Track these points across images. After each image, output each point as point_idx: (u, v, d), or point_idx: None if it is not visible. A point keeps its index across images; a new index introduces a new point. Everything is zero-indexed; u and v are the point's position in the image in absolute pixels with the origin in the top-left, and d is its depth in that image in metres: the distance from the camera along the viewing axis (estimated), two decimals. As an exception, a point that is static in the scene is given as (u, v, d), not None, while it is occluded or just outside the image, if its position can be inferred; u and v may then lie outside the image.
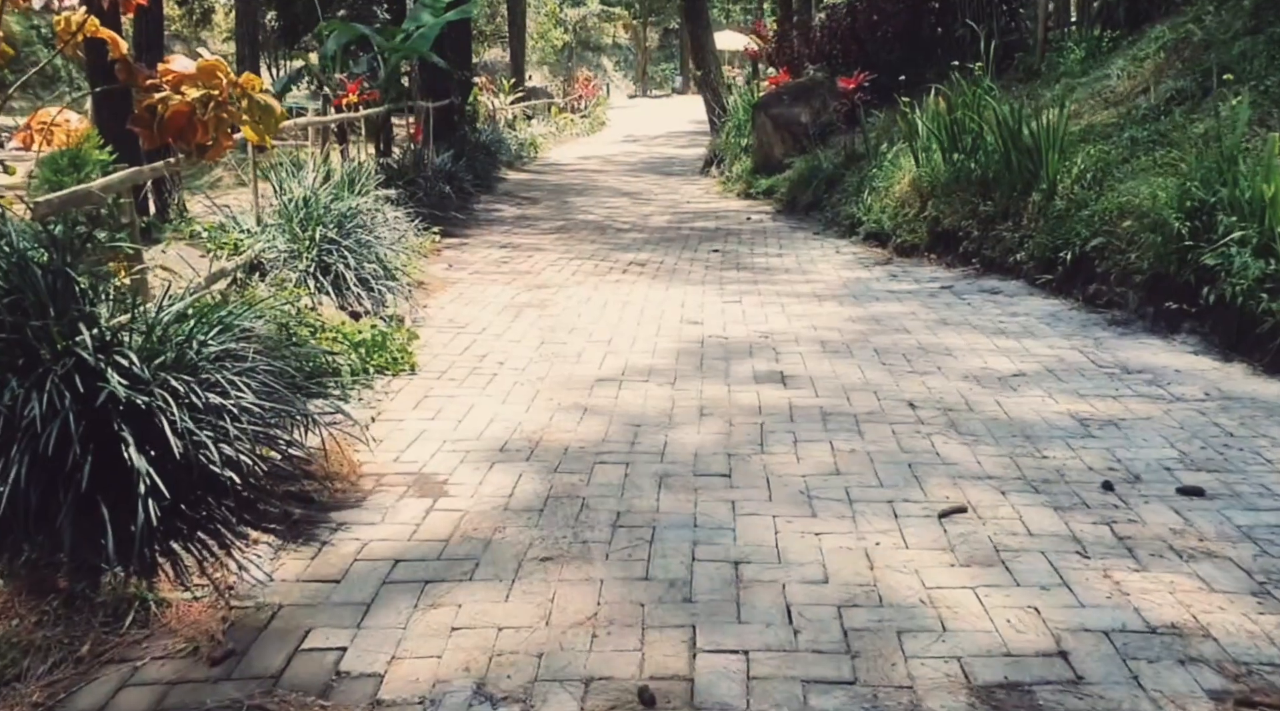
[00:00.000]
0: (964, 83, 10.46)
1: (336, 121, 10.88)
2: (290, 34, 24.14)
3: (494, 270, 10.20)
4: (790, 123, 15.45)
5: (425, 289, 9.00)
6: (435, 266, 10.28)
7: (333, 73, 12.28)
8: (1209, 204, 6.81)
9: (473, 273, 10.03)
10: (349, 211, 7.78)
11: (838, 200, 12.58)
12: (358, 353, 6.23)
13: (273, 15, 26.63)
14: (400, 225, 9.93)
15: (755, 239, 12.08)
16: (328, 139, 9.79)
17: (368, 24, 13.93)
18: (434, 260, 10.67)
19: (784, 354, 6.89)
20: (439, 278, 9.65)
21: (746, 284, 9.34)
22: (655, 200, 16.26)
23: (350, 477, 4.80)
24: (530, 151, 23.93)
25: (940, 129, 10.42)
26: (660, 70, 56.40)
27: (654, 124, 34.74)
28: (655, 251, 11.34)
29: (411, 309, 8.03)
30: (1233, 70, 9.12)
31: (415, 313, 8.04)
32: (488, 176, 18.05)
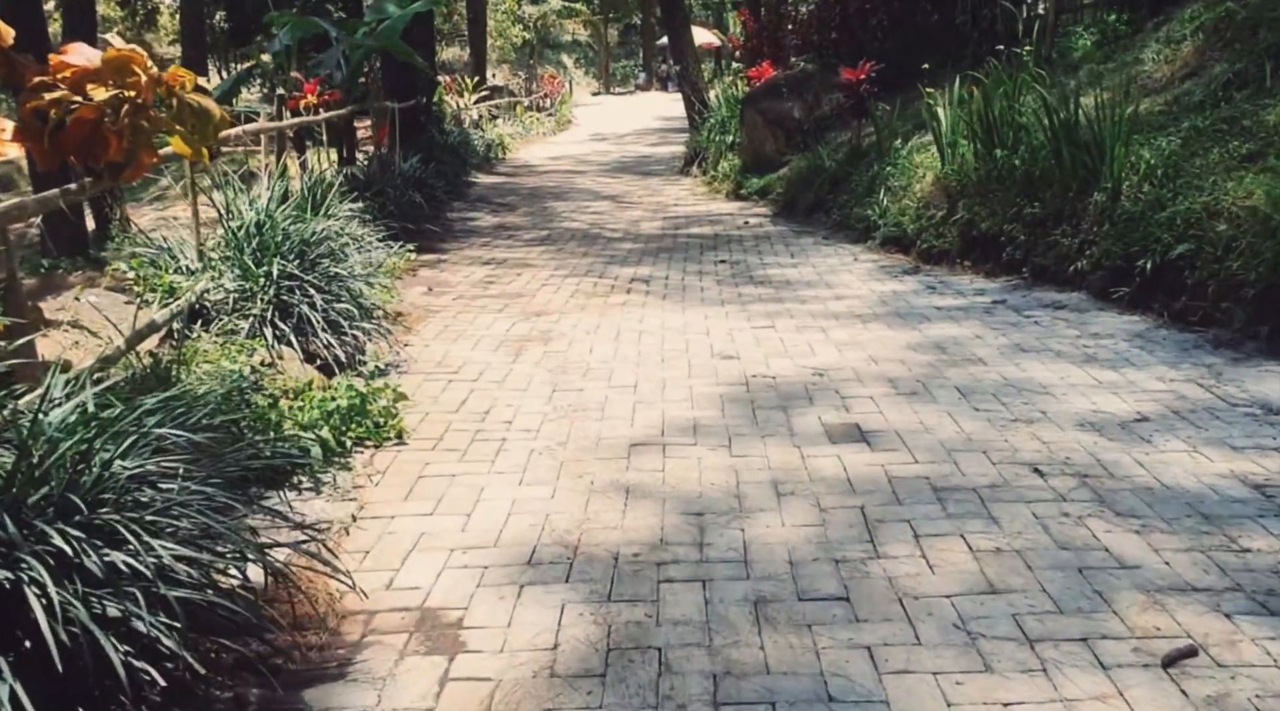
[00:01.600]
0: (1000, 69, 9.17)
1: (293, 126, 9.39)
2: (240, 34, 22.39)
3: (480, 293, 8.79)
4: (782, 118, 14.12)
5: (405, 321, 7.58)
6: (414, 290, 8.85)
7: (287, 72, 10.80)
8: (1353, 205, 5.55)
9: (457, 297, 8.61)
10: (313, 237, 6.35)
11: (846, 201, 11.26)
12: (331, 423, 4.83)
13: (221, 15, 24.89)
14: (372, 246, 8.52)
15: (761, 246, 10.75)
16: (284, 147, 8.32)
17: (324, 18, 12.43)
18: (411, 282, 9.24)
19: (850, 398, 5.55)
20: (420, 306, 8.22)
21: (771, 302, 8.00)
22: (640, 203, 14.88)
23: (328, 620, 3.41)
24: (499, 152, 22.46)
25: (974, 121, 9.11)
26: (622, 67, 54.87)
27: (621, 121, 33.29)
28: (656, 264, 9.98)
29: (392, 350, 6.61)
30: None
31: (396, 354, 6.62)
32: (458, 181, 16.59)
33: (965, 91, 9.64)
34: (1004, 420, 5.10)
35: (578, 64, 53.25)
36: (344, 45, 11.30)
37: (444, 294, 8.76)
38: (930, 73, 11.29)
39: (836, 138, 13.35)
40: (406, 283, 9.21)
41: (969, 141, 9.32)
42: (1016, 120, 8.76)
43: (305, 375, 5.30)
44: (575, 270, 9.79)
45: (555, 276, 9.48)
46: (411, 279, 9.44)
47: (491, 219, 13.76)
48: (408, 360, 6.56)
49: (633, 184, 17.51)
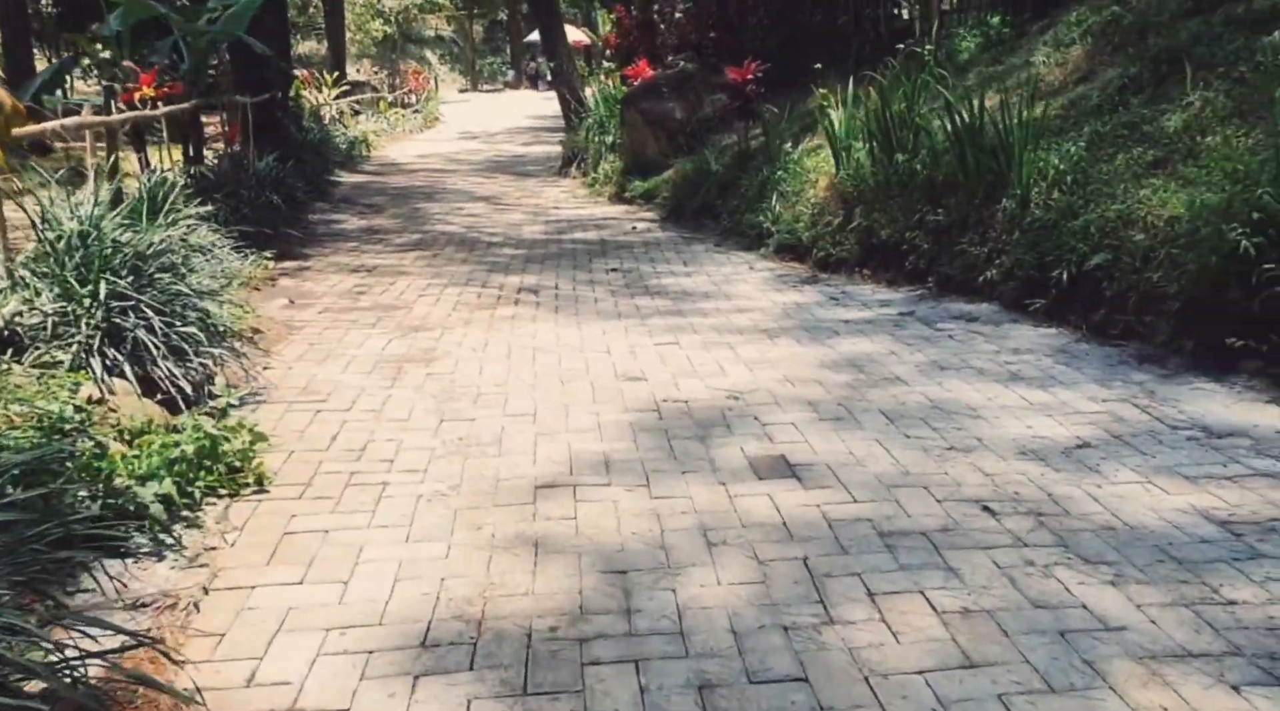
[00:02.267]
0: (899, 70, 8.89)
1: (123, 121, 8.43)
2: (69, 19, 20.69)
3: (350, 305, 8.07)
4: (664, 119, 13.70)
5: (263, 339, 6.84)
6: (273, 303, 8.08)
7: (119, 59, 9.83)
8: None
9: (323, 310, 7.88)
10: (150, 249, 5.57)
11: (736, 207, 10.88)
12: (175, 471, 4.12)
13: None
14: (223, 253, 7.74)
15: (652, 253, 10.28)
16: (114, 145, 7.45)
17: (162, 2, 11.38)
18: (270, 293, 8.46)
19: (771, 424, 5.09)
20: (280, 321, 7.47)
21: (671, 315, 7.52)
22: (519, 206, 14.25)
23: (176, 739, 2.76)
24: (363, 150, 21.49)
25: (871, 124, 8.81)
26: (489, 64, 53.87)
27: (491, 119, 32.49)
28: (543, 272, 9.40)
29: (249, 376, 5.89)
30: (1189, 56, 7.84)
31: (254, 380, 5.90)
32: (320, 181, 15.68)
33: (861, 92, 9.35)
34: (939, 449, 4.72)
35: (443, 60, 52.10)
36: (184, 33, 10.37)
37: (308, 306, 8.02)
38: (820, 73, 11.01)
39: (721, 140, 12.99)
40: (265, 294, 8.43)
41: (865, 145, 9.02)
42: (917, 123, 8.48)
43: (144, 413, 4.57)
44: (455, 278, 9.14)
45: (434, 286, 8.82)
46: (270, 289, 8.66)
47: (358, 221, 12.96)
48: (268, 386, 5.84)
49: (509, 185, 16.87)
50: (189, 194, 8.96)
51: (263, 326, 7.15)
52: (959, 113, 7.76)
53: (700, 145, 13.16)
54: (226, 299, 6.22)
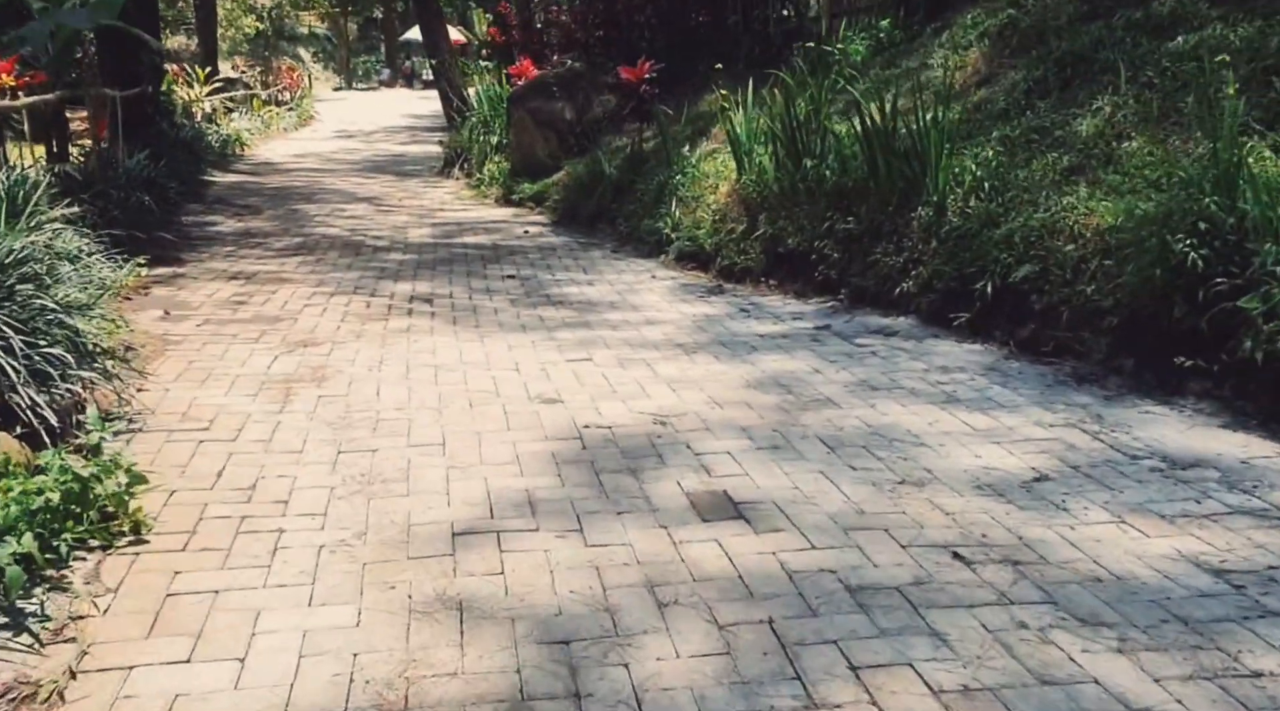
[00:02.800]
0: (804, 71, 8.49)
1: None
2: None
3: (230, 316, 7.27)
4: (553, 119, 13.09)
5: (137, 357, 6.02)
6: (147, 315, 7.23)
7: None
8: (1226, 225, 5.08)
9: (203, 323, 7.06)
10: (10, 256, 4.76)
11: (633, 211, 10.36)
12: (37, 523, 3.40)
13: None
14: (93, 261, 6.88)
15: (548, 259, 9.68)
16: None
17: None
18: (143, 304, 7.59)
19: (706, 454, 4.58)
20: (155, 335, 6.64)
21: (579, 328, 6.96)
22: (403, 207, 13.45)
23: None
24: (237, 149, 20.25)
25: (776, 127, 8.39)
26: (364, 62, 52.13)
27: (367, 118, 31.24)
28: (435, 279, 8.72)
29: (121, 399, 5.10)
30: (1092, 60, 7.67)
31: (127, 404, 5.12)
32: (194, 181, 14.57)
33: (766, 94, 8.93)
34: (889, 482, 4.27)
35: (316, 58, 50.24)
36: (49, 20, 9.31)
37: (185, 318, 7.18)
38: (716, 74, 10.56)
39: (613, 142, 12.46)
40: (137, 304, 7.56)
41: (768, 149, 8.61)
42: (825, 126, 8.09)
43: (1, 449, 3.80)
44: (341, 286, 8.39)
45: (319, 294, 8.05)
46: (143, 299, 7.78)
47: (234, 223, 12.00)
48: (143, 412, 5.07)
49: (390, 185, 16.01)
50: (53, 194, 8.02)
51: (136, 342, 6.32)
52: (869, 115, 7.39)
53: (591, 147, 12.61)
54: (98, 313, 5.41)
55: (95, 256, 7.50)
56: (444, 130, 26.38)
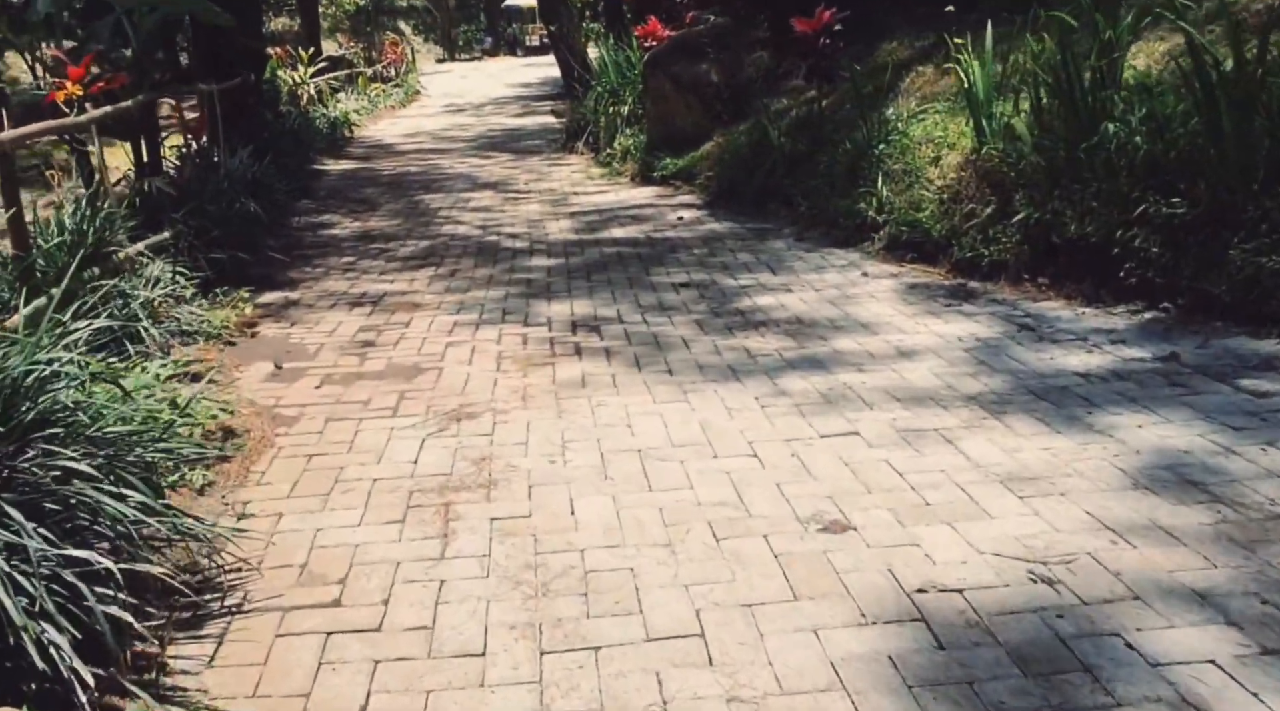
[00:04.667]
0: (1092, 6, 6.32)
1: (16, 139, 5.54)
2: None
3: (358, 368, 5.56)
4: (698, 83, 11.10)
5: (239, 448, 4.33)
6: (253, 371, 5.56)
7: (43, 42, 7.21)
8: None
9: (323, 381, 5.35)
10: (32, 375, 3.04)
11: (816, 189, 8.35)
12: None
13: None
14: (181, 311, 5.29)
15: (721, 255, 7.77)
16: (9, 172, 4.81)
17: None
18: (247, 351, 5.94)
19: (1166, 663, 2.64)
20: (262, 407, 4.95)
21: (807, 369, 5.05)
22: (531, 192, 11.65)
23: None
24: (346, 131, 18.73)
25: (1044, 83, 6.29)
26: (465, 32, 50.37)
27: (475, 90, 29.53)
28: (594, 293, 6.91)
29: (211, 553, 3.38)
30: None
31: (219, 555, 3.40)
32: (303, 173, 13.02)
33: (1032, 39, 6.80)
34: None
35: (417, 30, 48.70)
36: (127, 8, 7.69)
37: (301, 374, 5.49)
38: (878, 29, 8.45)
39: (770, 106, 10.42)
40: (242, 352, 5.92)
41: (1028, 109, 6.50)
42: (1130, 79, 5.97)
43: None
44: (486, 311, 6.63)
45: (461, 325, 6.31)
46: (250, 343, 6.13)
47: (351, 224, 10.36)
48: (244, 572, 3.35)
49: (512, 166, 14.22)
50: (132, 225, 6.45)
51: (239, 422, 4.65)
52: (1210, 57, 5.26)
53: (745, 113, 10.62)
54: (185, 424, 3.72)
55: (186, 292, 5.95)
56: (556, 99, 24.58)
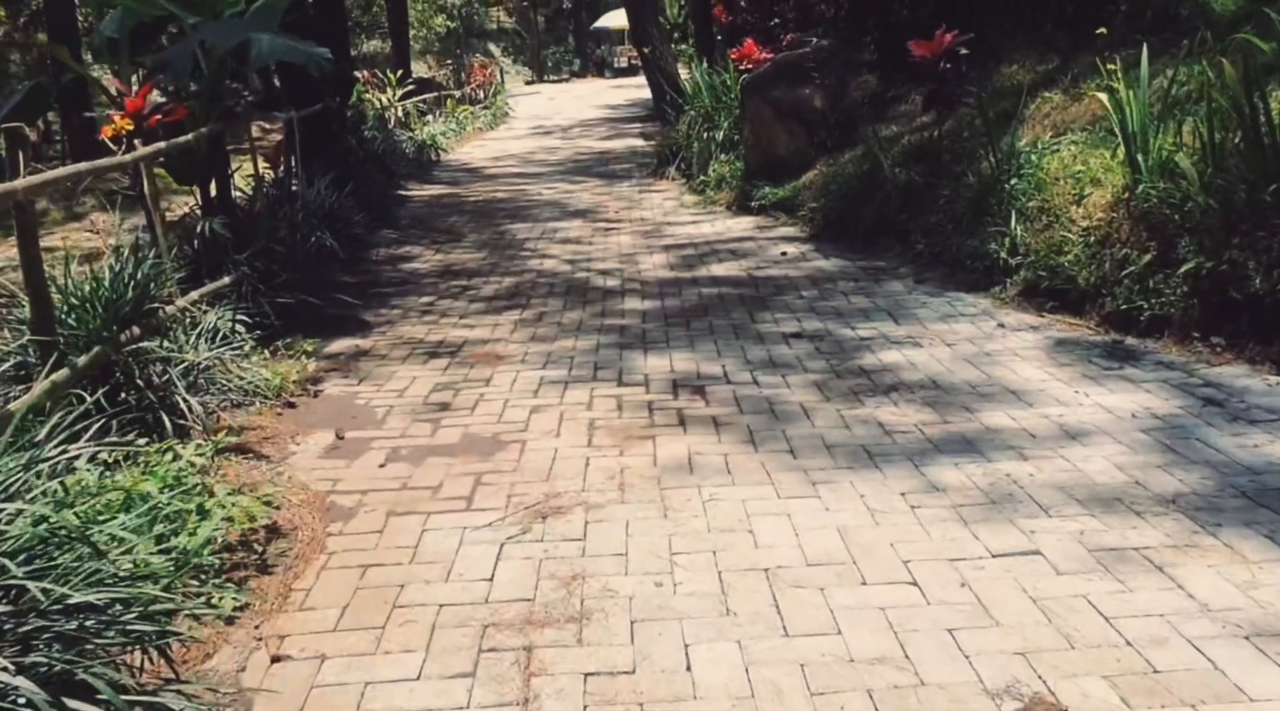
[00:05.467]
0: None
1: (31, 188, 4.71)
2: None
3: (429, 441, 4.81)
4: (800, 108, 10.22)
5: (283, 553, 3.60)
6: (310, 444, 4.85)
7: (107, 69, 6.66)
8: None
9: (388, 459, 4.61)
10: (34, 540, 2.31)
11: (936, 225, 7.43)
12: None
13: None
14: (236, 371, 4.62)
15: (833, 299, 6.89)
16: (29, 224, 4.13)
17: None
18: (307, 414, 5.25)
19: None
20: (314, 493, 4.22)
21: (957, 454, 4.15)
22: (622, 222, 10.89)
23: None
24: (433, 155, 18.26)
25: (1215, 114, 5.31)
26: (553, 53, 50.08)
27: (562, 112, 29.02)
28: (696, 343, 6.08)
29: None
30: None
31: None
32: (386, 199, 12.46)
33: (1203, 67, 5.82)
34: None
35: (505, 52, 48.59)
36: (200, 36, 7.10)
37: (363, 448, 4.76)
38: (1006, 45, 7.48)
39: (878, 133, 9.50)
40: (302, 415, 5.22)
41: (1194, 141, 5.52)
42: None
43: None
44: (575, 366, 5.85)
45: (548, 385, 5.53)
46: (311, 405, 5.44)
47: (432, 256, 9.71)
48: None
49: (601, 191, 13.49)
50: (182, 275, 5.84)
51: (287, 515, 3.93)
52: None
53: (850, 140, 9.72)
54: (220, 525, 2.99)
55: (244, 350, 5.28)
56: (644, 121, 23.86)
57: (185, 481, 3.81)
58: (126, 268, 4.96)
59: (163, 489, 3.66)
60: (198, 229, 6.57)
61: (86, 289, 4.65)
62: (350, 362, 6.23)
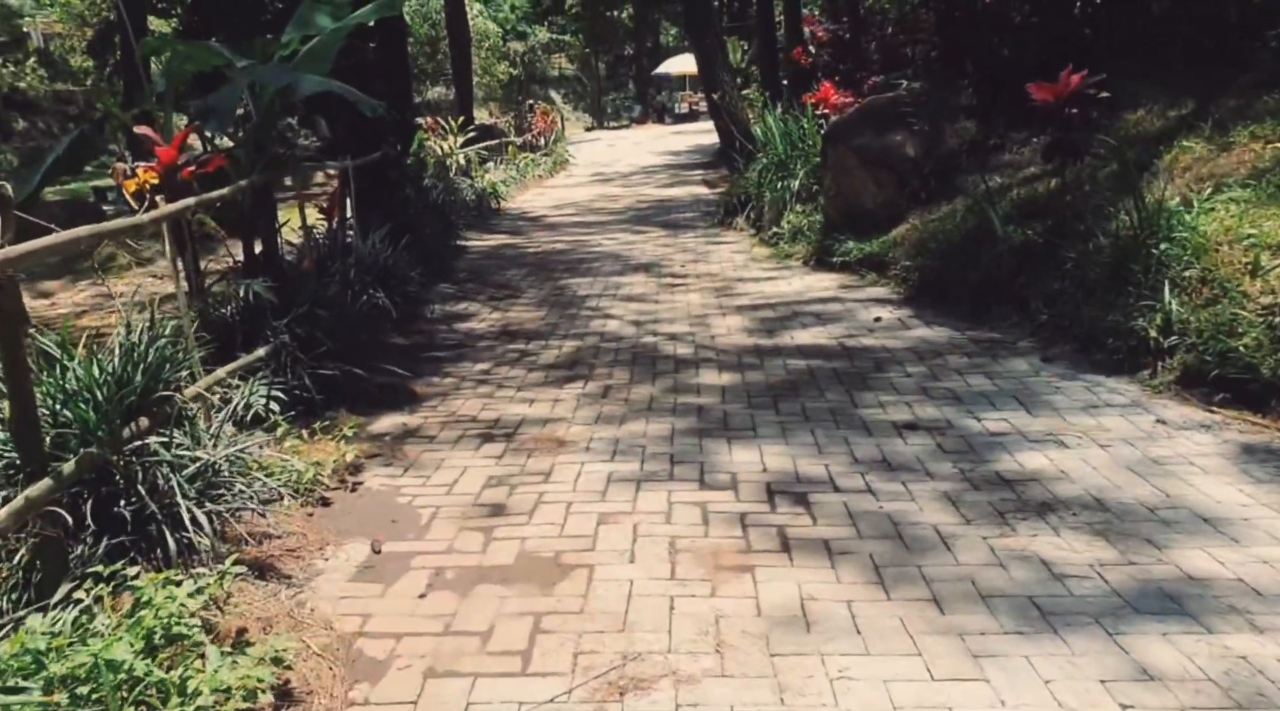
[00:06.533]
0: None
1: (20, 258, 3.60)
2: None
3: (477, 561, 3.89)
4: (890, 156, 9.27)
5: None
6: (342, 557, 3.97)
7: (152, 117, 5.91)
8: None
9: (430, 586, 3.69)
10: None
11: (1063, 293, 6.40)
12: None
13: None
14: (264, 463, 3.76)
15: (948, 379, 5.88)
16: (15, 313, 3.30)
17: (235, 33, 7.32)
18: (344, 511, 4.38)
19: None
20: (339, 636, 3.32)
21: (1168, 618, 3.12)
22: (690, 277, 9.97)
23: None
24: (492, 203, 17.58)
25: None
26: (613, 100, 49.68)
27: (623, 158, 28.36)
28: (789, 432, 5.11)
29: None
30: None
31: None
32: (443, 252, 11.70)
33: None
34: None
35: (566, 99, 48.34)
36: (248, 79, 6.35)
37: (403, 563, 3.87)
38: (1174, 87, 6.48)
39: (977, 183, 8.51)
40: (335, 518, 4.36)
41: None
42: None
43: None
44: (648, 455, 4.93)
45: (618, 480, 4.61)
46: (347, 501, 4.57)
47: (490, 315, 8.87)
48: None
49: (665, 243, 12.60)
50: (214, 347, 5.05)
51: (300, 672, 3.02)
52: None
53: (944, 191, 8.75)
54: None
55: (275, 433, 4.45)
56: (707, 168, 23.06)
57: (176, 631, 2.94)
58: (139, 346, 4.14)
59: (140, 652, 2.78)
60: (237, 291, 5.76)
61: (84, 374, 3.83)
62: (395, 446, 5.36)
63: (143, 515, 3.79)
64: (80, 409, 3.68)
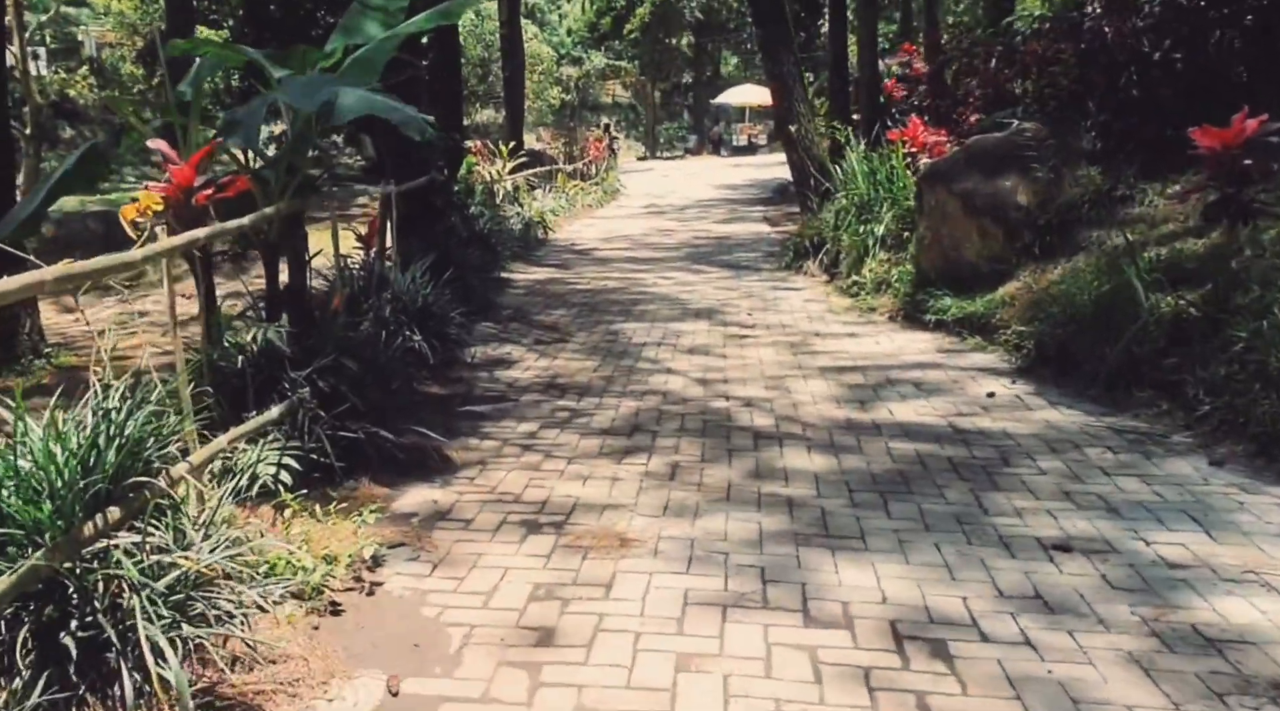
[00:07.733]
0: None
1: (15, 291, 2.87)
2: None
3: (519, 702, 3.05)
4: (999, 204, 8.37)
5: None
6: (348, 699, 3.11)
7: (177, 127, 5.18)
8: None
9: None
10: None
11: (1233, 379, 5.43)
12: None
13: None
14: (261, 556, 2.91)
15: (1093, 479, 4.94)
16: None
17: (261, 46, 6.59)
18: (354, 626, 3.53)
19: None
20: None
21: None
22: (759, 329, 9.06)
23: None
24: (540, 232, 16.86)
25: None
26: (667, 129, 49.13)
27: (677, 190, 27.60)
28: (909, 548, 4.21)
29: None
30: None
31: None
32: (487, 286, 10.94)
33: None
34: None
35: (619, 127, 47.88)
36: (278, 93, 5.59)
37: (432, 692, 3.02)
38: None
39: (1104, 239, 7.60)
40: (344, 636, 3.52)
41: None
42: None
43: None
44: (732, 568, 4.06)
45: (696, 606, 3.74)
46: (360, 611, 3.73)
47: (535, 362, 8.06)
48: None
49: (726, 285, 11.75)
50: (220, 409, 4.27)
51: None
52: None
53: (1062, 246, 7.84)
54: None
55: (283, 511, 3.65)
56: (767, 204, 22.24)
57: None
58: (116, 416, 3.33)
59: None
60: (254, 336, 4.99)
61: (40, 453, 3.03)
62: (424, 532, 4.53)
63: (98, 641, 2.98)
64: (29, 501, 2.88)
